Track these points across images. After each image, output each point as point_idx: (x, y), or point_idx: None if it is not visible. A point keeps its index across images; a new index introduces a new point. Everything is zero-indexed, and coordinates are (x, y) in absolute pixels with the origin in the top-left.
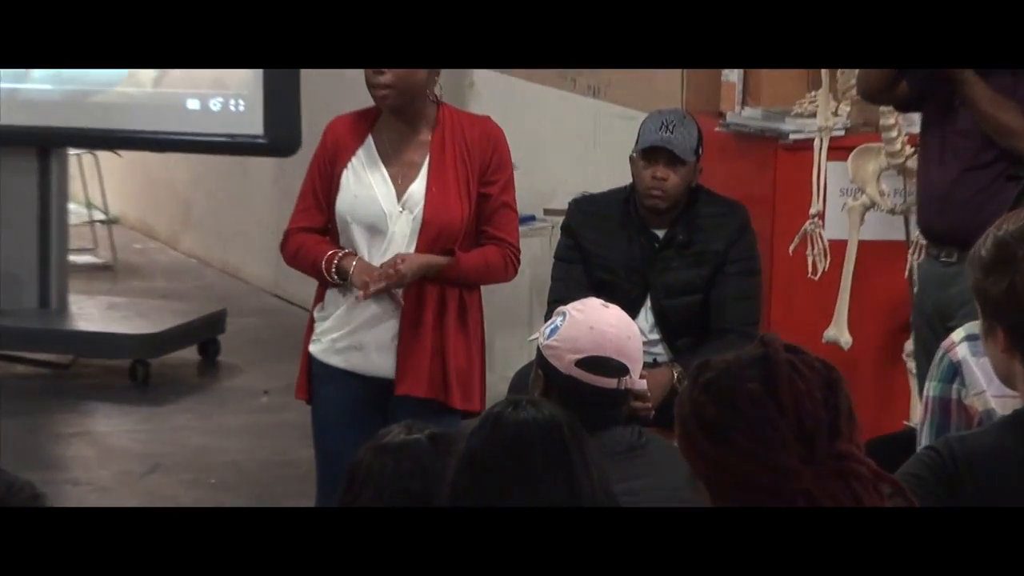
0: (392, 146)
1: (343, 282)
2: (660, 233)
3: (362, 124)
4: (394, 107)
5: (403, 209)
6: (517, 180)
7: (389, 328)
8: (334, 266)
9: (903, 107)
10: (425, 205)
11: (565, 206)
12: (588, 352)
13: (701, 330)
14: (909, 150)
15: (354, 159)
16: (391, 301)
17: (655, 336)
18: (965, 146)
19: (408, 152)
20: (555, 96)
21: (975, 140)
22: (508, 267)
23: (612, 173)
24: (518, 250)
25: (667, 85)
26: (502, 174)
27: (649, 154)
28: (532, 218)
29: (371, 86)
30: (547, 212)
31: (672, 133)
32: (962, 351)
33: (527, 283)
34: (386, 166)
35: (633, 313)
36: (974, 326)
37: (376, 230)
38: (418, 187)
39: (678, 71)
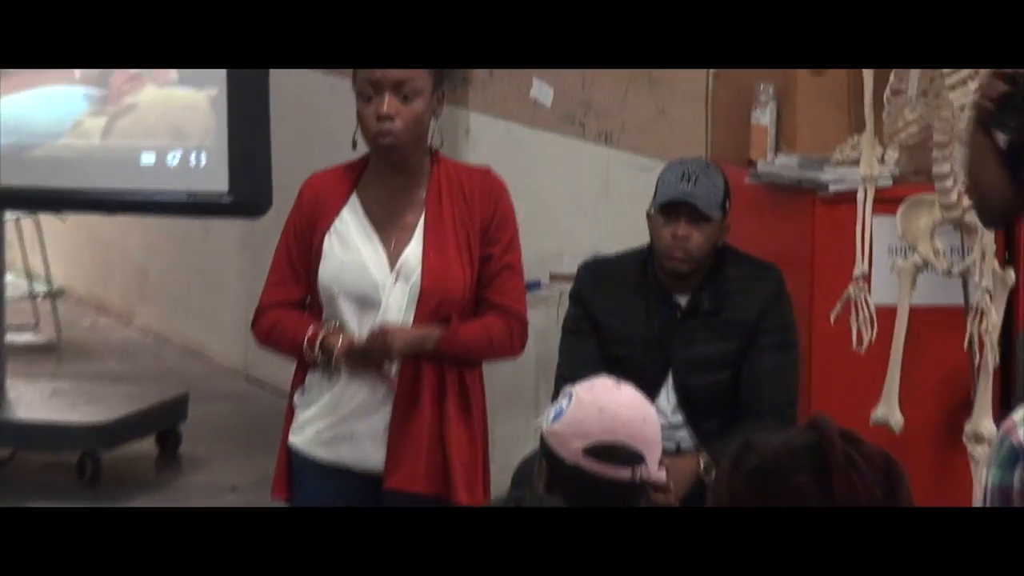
0: (381, 205)
1: (329, 363)
2: (682, 300)
3: (345, 180)
4: (398, 156)
5: (397, 277)
6: (520, 240)
7: (383, 416)
8: (318, 344)
9: None
10: (423, 272)
11: (574, 270)
12: (597, 438)
13: (730, 412)
14: (967, 202)
15: (337, 221)
16: (384, 384)
17: (678, 419)
18: None
19: (400, 211)
20: (561, 144)
21: None
22: (514, 340)
23: (627, 232)
24: (526, 321)
25: (688, 130)
26: (505, 232)
27: (669, 210)
28: (537, 284)
29: (374, 133)
30: (553, 277)
31: (695, 185)
32: None
33: (532, 359)
34: (376, 228)
35: (653, 392)
36: None
37: (367, 302)
38: (413, 251)
39: (701, 114)
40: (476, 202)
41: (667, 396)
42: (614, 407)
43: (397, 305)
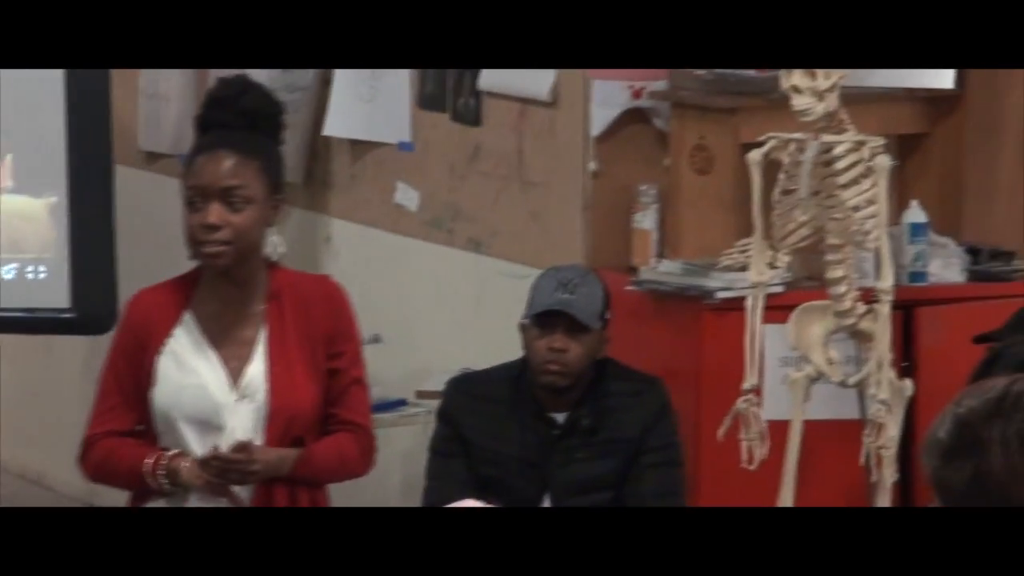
0: (217, 320)
1: (174, 488)
2: (560, 417)
3: (176, 295)
4: (226, 269)
5: (241, 397)
6: (382, 356)
7: None
8: (163, 467)
9: None
10: (270, 391)
11: (441, 387)
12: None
13: None
14: (862, 308)
15: (171, 341)
16: (235, 507)
17: None
18: None
19: (239, 326)
20: (428, 251)
21: None
22: (364, 458)
23: (499, 345)
24: (373, 436)
25: (565, 235)
26: (350, 344)
27: (544, 320)
28: (402, 403)
29: (200, 243)
30: (420, 395)
31: (572, 294)
32: None
33: (397, 484)
34: (213, 346)
35: None
36: None
37: (209, 426)
38: (256, 369)
39: (578, 218)
40: (318, 313)
41: None
42: None
43: (243, 427)
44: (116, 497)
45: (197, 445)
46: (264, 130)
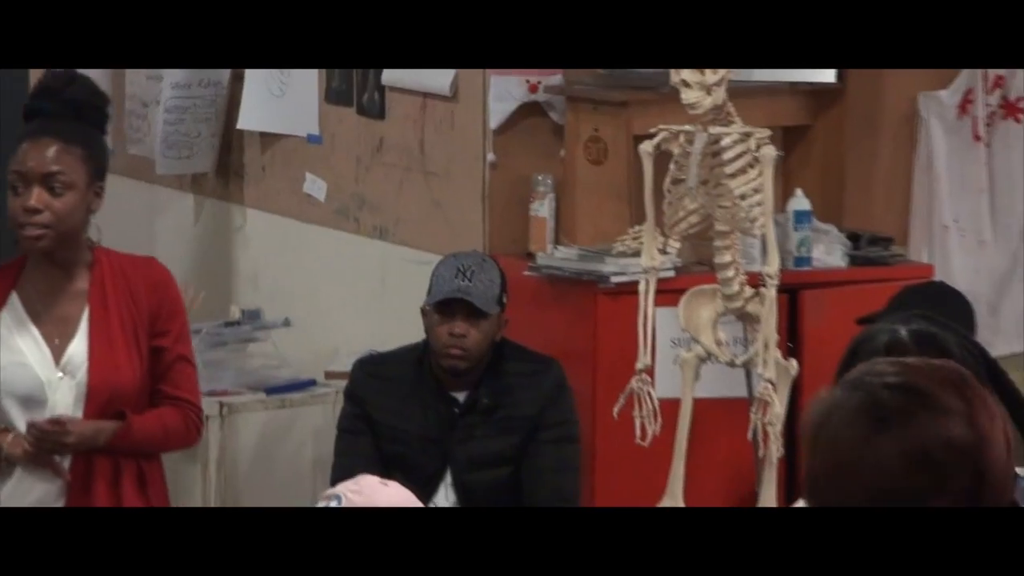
0: (41, 300)
1: None
2: (460, 397)
3: (2, 280)
4: (48, 250)
5: (63, 374)
6: (293, 338)
7: None
8: None
9: None
10: (89, 368)
11: (349, 368)
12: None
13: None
14: (748, 292)
15: None
16: (57, 479)
17: None
18: None
19: (62, 305)
20: (335, 239)
21: None
22: (190, 430)
23: (403, 328)
24: (200, 409)
25: (466, 222)
26: (175, 323)
27: (445, 307)
28: (312, 383)
29: (22, 225)
30: (328, 375)
31: (470, 281)
32: None
33: (309, 460)
34: (36, 325)
35: (431, 491)
36: None
37: (33, 401)
38: (78, 347)
39: (478, 207)
40: (142, 293)
41: (446, 494)
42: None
43: (64, 403)
44: None
45: (21, 420)
46: (88, 120)
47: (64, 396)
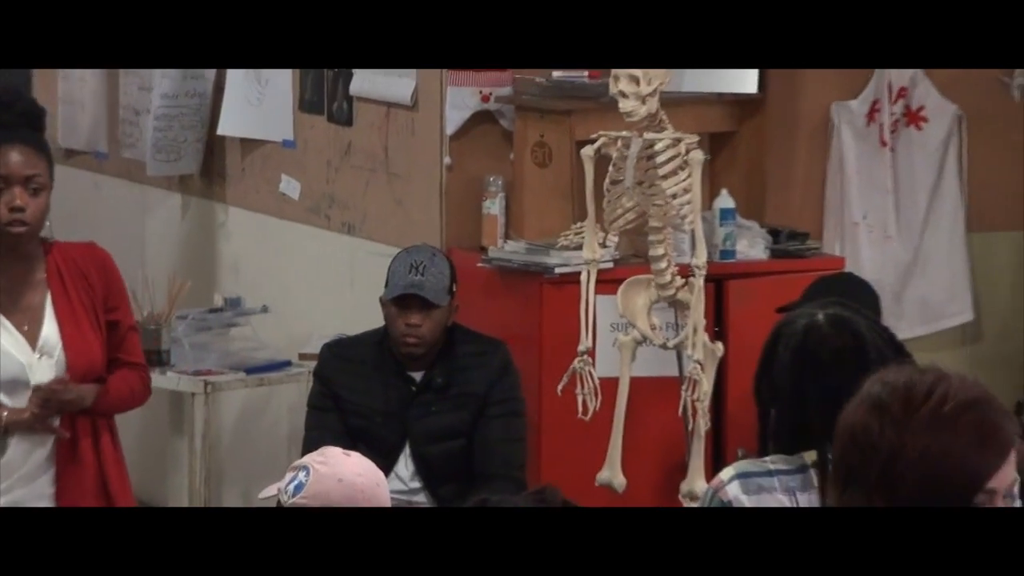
0: (9, 293)
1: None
2: (417, 376)
3: None
4: (26, 243)
5: (41, 355)
6: (270, 323)
7: (48, 478)
8: None
9: None
10: (64, 347)
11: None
12: (339, 505)
13: (465, 477)
14: (679, 281)
15: None
16: (44, 448)
17: (416, 484)
18: None
19: (25, 296)
20: (308, 234)
21: None
22: (147, 389)
23: (370, 314)
24: (149, 370)
25: (425, 219)
26: (122, 299)
27: (400, 301)
28: (287, 364)
29: (8, 223)
30: (302, 357)
31: (423, 276)
32: (733, 490)
33: (285, 433)
34: (5, 315)
35: (392, 461)
36: (745, 464)
37: (17, 385)
38: (49, 330)
39: (436, 205)
40: (93, 275)
41: (405, 464)
42: (351, 476)
43: (47, 380)
44: None
45: (9, 401)
46: (39, 129)
47: (45, 374)
